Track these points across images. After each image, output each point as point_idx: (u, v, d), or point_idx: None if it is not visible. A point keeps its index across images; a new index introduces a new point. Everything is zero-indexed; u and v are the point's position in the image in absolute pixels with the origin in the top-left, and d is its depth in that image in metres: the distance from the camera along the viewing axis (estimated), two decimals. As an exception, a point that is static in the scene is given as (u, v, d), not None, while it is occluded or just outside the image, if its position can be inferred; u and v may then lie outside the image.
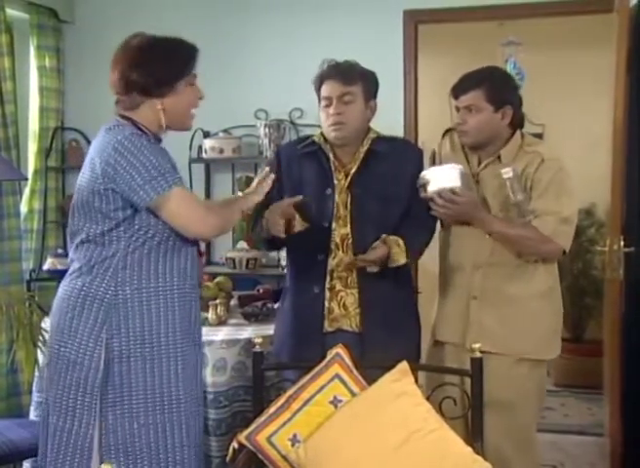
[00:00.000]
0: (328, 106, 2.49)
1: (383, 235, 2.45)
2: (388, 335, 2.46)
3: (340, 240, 2.52)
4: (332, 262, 2.52)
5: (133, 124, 2.10)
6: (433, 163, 2.73)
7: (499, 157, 2.57)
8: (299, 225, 2.43)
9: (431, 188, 2.45)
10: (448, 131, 2.75)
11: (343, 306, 2.53)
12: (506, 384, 2.52)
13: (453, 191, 2.43)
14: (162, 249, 2.09)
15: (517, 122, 2.60)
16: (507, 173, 2.44)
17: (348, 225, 2.51)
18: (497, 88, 2.53)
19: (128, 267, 2.07)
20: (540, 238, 2.48)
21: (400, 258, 2.45)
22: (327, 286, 2.52)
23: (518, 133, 2.60)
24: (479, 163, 2.62)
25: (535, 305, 2.57)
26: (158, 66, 2.07)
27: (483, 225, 2.53)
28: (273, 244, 2.60)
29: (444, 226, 2.71)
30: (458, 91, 2.57)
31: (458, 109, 2.58)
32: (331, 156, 2.55)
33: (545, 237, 2.48)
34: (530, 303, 2.56)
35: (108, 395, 2.05)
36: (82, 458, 2.07)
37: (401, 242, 2.45)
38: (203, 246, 2.31)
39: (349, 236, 2.51)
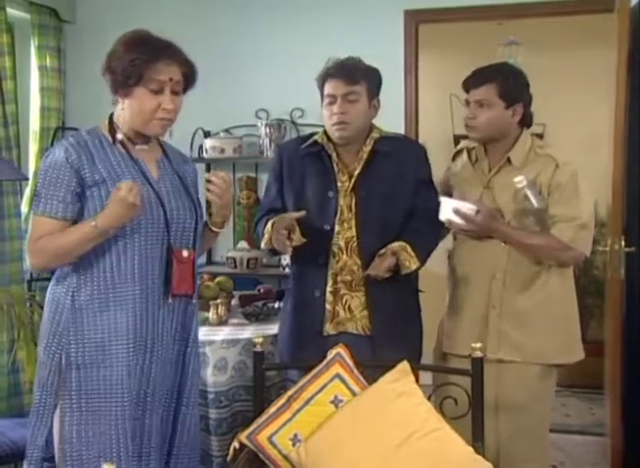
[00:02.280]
0: (331, 104, 2.48)
1: (395, 243, 2.44)
2: (395, 337, 2.46)
3: (345, 243, 2.50)
4: (335, 266, 2.51)
5: (109, 121, 2.11)
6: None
7: (508, 159, 2.55)
8: (297, 240, 2.43)
9: (445, 215, 2.47)
10: (458, 152, 2.73)
11: (349, 309, 2.52)
12: (522, 387, 2.52)
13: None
14: (110, 255, 2.04)
15: (526, 121, 2.59)
16: (521, 182, 2.41)
17: (353, 228, 2.50)
18: (509, 84, 2.50)
19: (81, 274, 2.06)
20: (561, 246, 2.46)
21: (411, 265, 2.44)
22: (329, 289, 2.51)
23: (527, 133, 2.58)
24: (489, 169, 2.60)
25: (555, 309, 2.55)
26: (119, 67, 2.02)
27: (503, 237, 2.50)
28: (274, 252, 2.60)
29: (455, 238, 2.68)
30: (470, 84, 2.55)
31: (467, 103, 2.56)
32: (334, 157, 2.54)
33: (566, 244, 2.46)
34: (550, 308, 2.54)
35: (65, 400, 2.05)
36: (38, 455, 2.09)
37: (409, 248, 2.44)
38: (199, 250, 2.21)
39: (354, 239, 2.49)
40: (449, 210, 2.46)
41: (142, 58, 2.01)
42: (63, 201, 2.03)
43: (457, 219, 2.45)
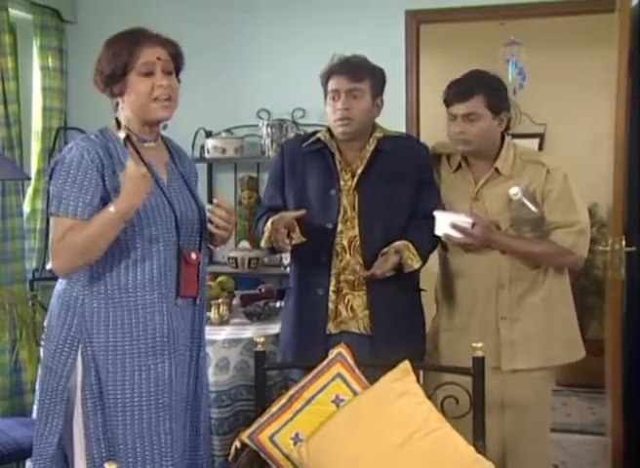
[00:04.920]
0: (335, 100, 2.48)
1: (397, 243, 2.44)
2: (397, 336, 2.46)
3: (348, 242, 2.50)
4: (338, 265, 2.50)
5: (117, 124, 2.11)
6: None
7: (496, 170, 2.54)
8: (296, 239, 2.43)
9: (440, 230, 2.46)
10: (436, 156, 2.69)
11: (351, 309, 2.52)
12: (526, 388, 2.53)
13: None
14: (126, 258, 2.03)
15: (507, 127, 2.58)
16: (516, 194, 2.40)
17: (356, 227, 2.49)
18: (495, 93, 2.50)
19: (95, 277, 2.05)
20: (562, 252, 2.47)
21: (414, 263, 2.45)
22: (332, 288, 2.51)
23: (509, 140, 2.57)
24: (475, 180, 2.58)
25: (556, 310, 2.56)
26: (105, 65, 2.05)
27: (503, 247, 2.50)
28: (273, 250, 2.60)
29: (447, 249, 2.65)
30: (454, 98, 2.50)
31: (453, 117, 2.52)
32: (337, 155, 2.54)
33: (565, 250, 2.47)
34: (552, 309, 2.55)
35: (87, 403, 2.03)
36: (46, 463, 2.06)
37: (411, 246, 2.44)
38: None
39: (357, 238, 2.49)
40: (445, 224, 2.44)
41: (124, 47, 2.03)
42: (90, 204, 1.99)
43: (455, 234, 2.43)
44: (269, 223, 2.47)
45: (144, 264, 2.05)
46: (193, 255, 2.13)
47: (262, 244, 2.55)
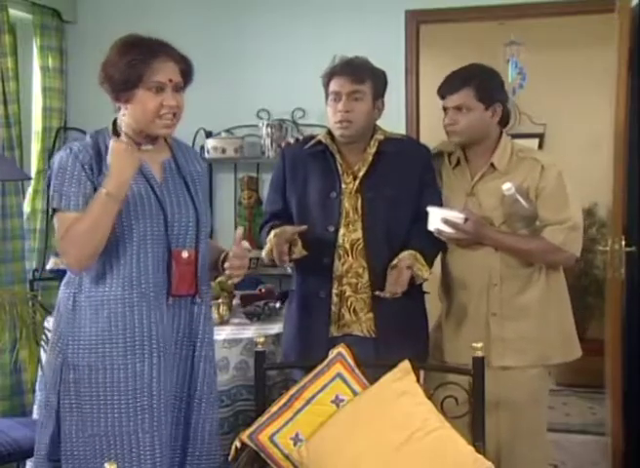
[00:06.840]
0: (336, 101, 2.47)
1: (405, 253, 2.42)
2: (401, 339, 2.45)
3: (350, 245, 2.49)
4: (341, 268, 2.49)
5: (114, 127, 2.12)
6: None
7: (492, 165, 2.54)
8: (298, 253, 2.42)
9: (433, 225, 2.46)
10: (437, 154, 2.69)
11: (354, 311, 2.51)
12: (522, 388, 2.53)
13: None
14: (109, 257, 2.04)
15: (504, 119, 2.59)
16: (509, 189, 2.41)
17: (359, 230, 2.48)
18: (486, 85, 2.50)
19: (84, 276, 2.06)
20: (552, 248, 2.47)
21: (424, 273, 2.44)
22: (334, 291, 2.50)
23: (506, 136, 2.58)
24: (471, 176, 2.58)
25: (551, 309, 2.56)
26: (116, 73, 2.02)
27: (494, 243, 2.50)
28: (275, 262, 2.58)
29: (446, 249, 2.64)
30: (445, 90, 2.53)
31: (445, 109, 2.54)
32: (338, 157, 2.53)
33: (556, 247, 2.47)
34: (546, 308, 2.55)
35: (65, 401, 2.06)
36: (42, 453, 2.10)
37: (419, 256, 2.43)
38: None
39: (360, 241, 2.48)
40: (437, 219, 2.44)
41: (139, 59, 2.00)
42: (91, 196, 2.01)
43: (446, 229, 2.43)
44: (271, 235, 2.46)
45: (126, 262, 2.05)
46: (185, 254, 2.10)
47: (264, 255, 2.52)
